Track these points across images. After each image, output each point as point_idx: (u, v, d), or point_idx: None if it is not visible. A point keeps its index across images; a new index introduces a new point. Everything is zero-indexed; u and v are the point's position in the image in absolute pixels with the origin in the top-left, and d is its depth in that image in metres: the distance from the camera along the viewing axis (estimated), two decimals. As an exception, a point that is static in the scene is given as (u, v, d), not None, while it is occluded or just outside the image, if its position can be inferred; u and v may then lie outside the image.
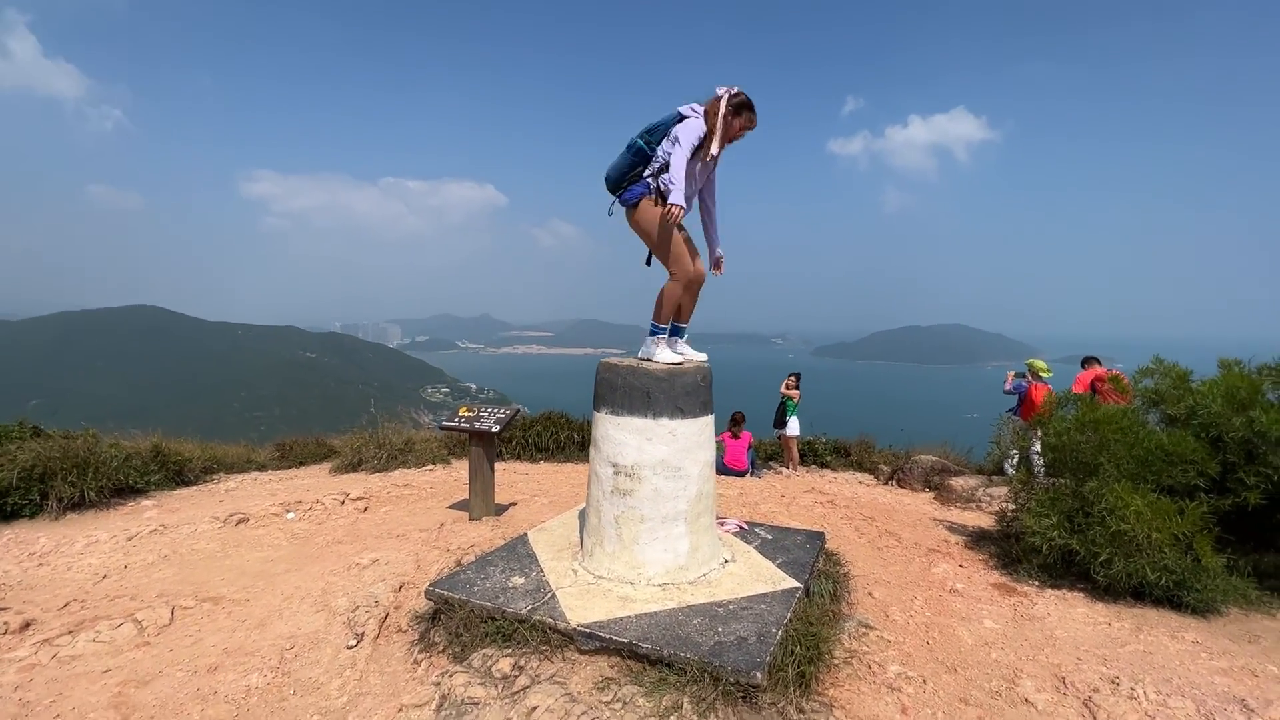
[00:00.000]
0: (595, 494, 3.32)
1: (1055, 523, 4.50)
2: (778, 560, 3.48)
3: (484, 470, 5.30)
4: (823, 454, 10.73)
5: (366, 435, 8.25)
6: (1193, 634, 3.65)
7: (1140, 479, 4.36)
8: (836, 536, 5.44)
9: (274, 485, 7.22)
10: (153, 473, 6.74)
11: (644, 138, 3.42)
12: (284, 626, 3.52)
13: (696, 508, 3.21)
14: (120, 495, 6.35)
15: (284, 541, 5.10)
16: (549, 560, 3.46)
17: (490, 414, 5.34)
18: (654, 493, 3.12)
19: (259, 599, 3.93)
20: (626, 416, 3.17)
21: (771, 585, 3.16)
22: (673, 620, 2.78)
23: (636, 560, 3.14)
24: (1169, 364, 5.08)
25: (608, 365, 3.31)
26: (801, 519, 5.96)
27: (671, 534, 3.15)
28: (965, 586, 4.34)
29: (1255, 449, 4.21)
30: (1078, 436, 4.82)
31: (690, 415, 3.18)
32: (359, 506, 6.00)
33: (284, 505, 5.90)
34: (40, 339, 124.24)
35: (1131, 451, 4.47)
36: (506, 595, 3.02)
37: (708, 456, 3.28)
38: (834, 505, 6.61)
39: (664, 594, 3.03)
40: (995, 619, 3.81)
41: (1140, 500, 4.08)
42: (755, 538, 3.88)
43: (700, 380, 3.23)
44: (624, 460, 3.16)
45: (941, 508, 7.24)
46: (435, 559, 4.36)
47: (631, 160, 3.43)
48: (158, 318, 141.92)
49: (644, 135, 3.42)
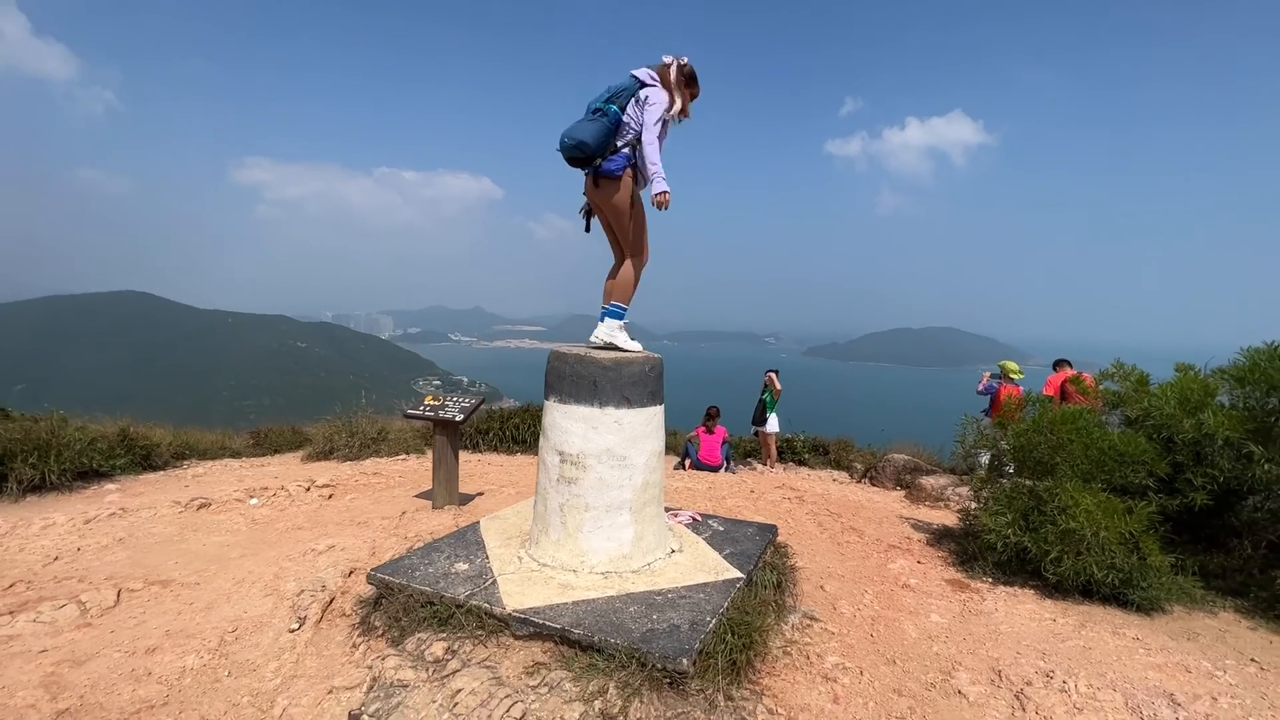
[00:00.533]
0: (542, 482, 3.33)
1: (1010, 521, 4.55)
2: (725, 551, 3.50)
3: (448, 459, 5.29)
4: (801, 451, 10.79)
5: (339, 424, 8.21)
6: (1134, 630, 3.70)
7: (1093, 479, 4.41)
8: (798, 531, 5.48)
9: (243, 472, 7.18)
10: (119, 456, 6.69)
11: (616, 103, 3.36)
12: (230, 610, 3.51)
13: (642, 497, 3.23)
14: (84, 479, 6.30)
15: (244, 527, 5.08)
16: (497, 547, 3.46)
17: (455, 403, 5.33)
18: (599, 481, 3.13)
19: (210, 583, 3.91)
20: (573, 405, 3.17)
21: (714, 575, 3.18)
22: (609, 607, 2.79)
23: (580, 548, 3.15)
24: (1129, 367, 5.14)
25: (557, 354, 3.31)
26: (766, 514, 5.99)
27: (615, 523, 3.16)
28: (919, 582, 4.38)
29: (1204, 451, 4.27)
30: (1036, 437, 4.87)
31: (637, 405, 3.18)
32: (324, 494, 5.98)
33: (248, 491, 5.87)
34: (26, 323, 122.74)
35: (1086, 452, 4.52)
36: (447, 580, 3.02)
37: (655, 447, 3.29)
38: (801, 501, 6.65)
39: (605, 582, 3.04)
40: (943, 614, 3.85)
41: (1090, 499, 4.13)
42: (707, 529, 3.90)
43: (648, 370, 3.24)
44: (570, 449, 3.16)
45: (910, 506, 7.30)
46: (391, 546, 4.36)
47: (609, 128, 3.33)
48: (146, 303, 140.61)
49: (614, 100, 3.37)
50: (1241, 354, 4.67)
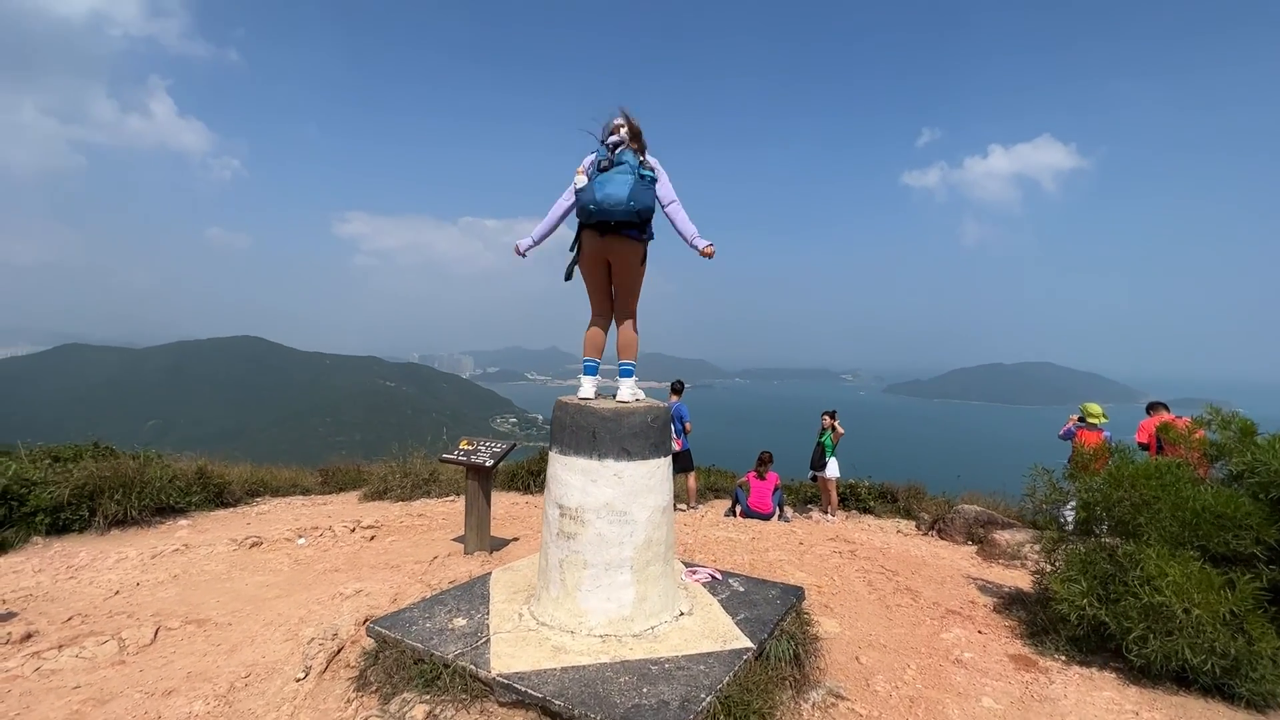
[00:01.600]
0: (545, 536, 3.23)
1: (1085, 589, 4.00)
2: (739, 616, 3.24)
3: (479, 505, 5.30)
4: (866, 498, 10.12)
5: (394, 464, 8.49)
6: (1242, 733, 3.10)
7: (1184, 544, 3.82)
8: (843, 591, 5.06)
9: (303, 510, 7.53)
10: (194, 494, 7.18)
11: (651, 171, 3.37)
12: (251, 653, 3.59)
13: (645, 555, 3.05)
14: (161, 514, 6.79)
15: (286, 567, 5.26)
16: (501, 602, 3.37)
17: (487, 448, 5.36)
18: (597, 537, 3.00)
19: (241, 624, 4.04)
20: (573, 456, 3.08)
21: (721, 644, 2.93)
22: (599, 676, 2.62)
23: (579, 608, 3.00)
24: (1228, 414, 4.48)
25: (560, 404, 3.25)
26: (811, 570, 5.59)
27: (615, 582, 3.00)
28: (975, 656, 3.90)
29: (1326, 515, 3.60)
30: (1115, 492, 4.30)
31: (638, 457, 3.05)
32: (367, 535, 6.14)
33: (298, 531, 6.12)
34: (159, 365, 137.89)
35: (1175, 512, 3.94)
36: (441, 637, 2.95)
37: (658, 502, 3.12)
38: (854, 556, 6.17)
39: (601, 646, 2.87)
40: (998, 697, 3.39)
41: (1180, 569, 3.57)
42: (725, 589, 3.64)
43: (651, 421, 3.11)
44: (569, 502, 3.06)
45: (981, 564, 6.62)
46: (414, 593, 4.36)
47: (650, 191, 3.32)
48: (258, 347, 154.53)
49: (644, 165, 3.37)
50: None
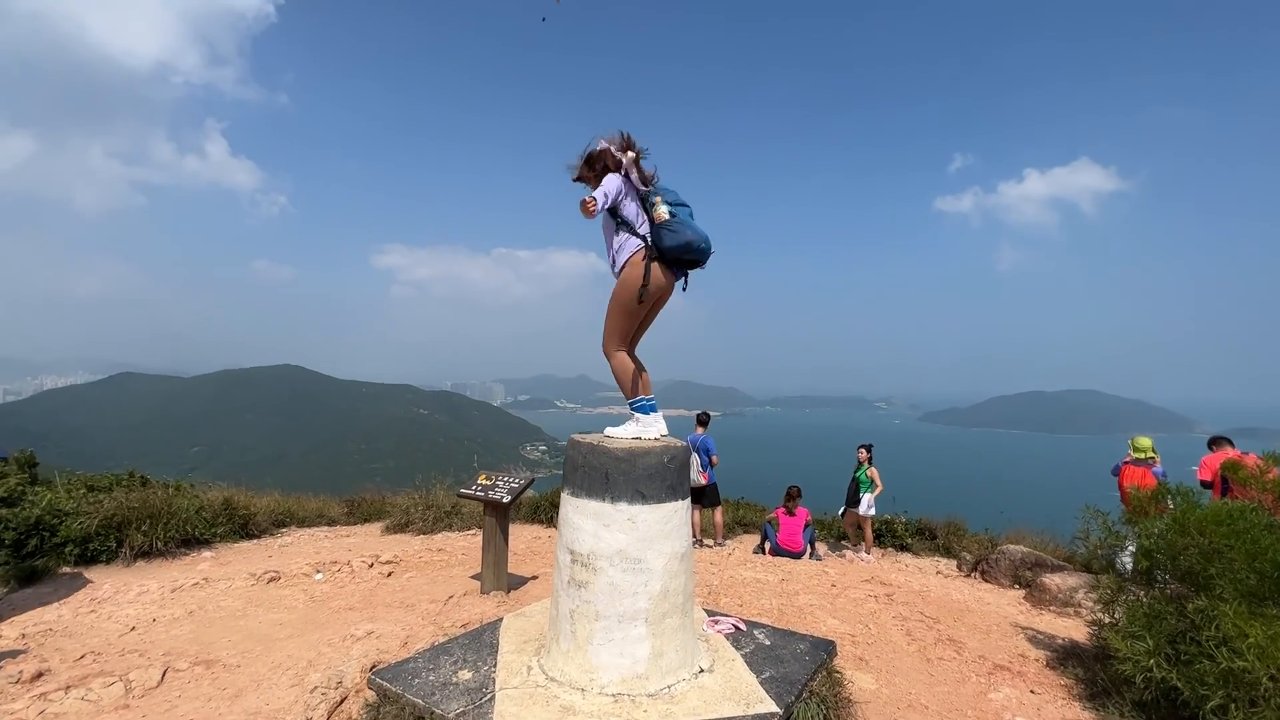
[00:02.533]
0: (556, 584, 3.05)
1: (1152, 648, 3.63)
2: (764, 674, 2.99)
3: (497, 542, 5.15)
4: (903, 535, 9.65)
5: (417, 497, 8.43)
6: (1347, 827, 2.69)
7: (1266, 600, 3.43)
8: (880, 641, 4.72)
9: (325, 543, 7.48)
10: (220, 525, 7.21)
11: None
12: (255, 700, 3.46)
13: (661, 607, 2.85)
14: (187, 545, 6.81)
15: (301, 604, 5.17)
16: (510, 653, 3.19)
17: (505, 483, 5.23)
18: (610, 587, 2.81)
19: (250, 666, 3.93)
20: (585, 499, 2.91)
21: (744, 708, 2.69)
22: (609, 743, 2.41)
23: (589, 663, 2.80)
24: (1305, 451, 4.08)
25: (574, 442, 3.10)
26: (844, 616, 5.25)
27: (629, 636, 2.79)
28: (1028, 721, 3.54)
29: None
30: (1180, 540, 3.93)
31: (653, 501, 2.87)
32: (384, 571, 6.03)
33: (317, 565, 6.05)
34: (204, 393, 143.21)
35: (1252, 564, 3.55)
36: (444, 693, 2.77)
37: (676, 549, 2.92)
38: (891, 601, 5.80)
39: (614, 706, 2.66)
40: (1056, 773, 3.04)
41: (1261, 629, 3.19)
42: (749, 643, 3.39)
43: (667, 462, 2.93)
44: (580, 548, 2.88)
45: (1031, 611, 6.16)
46: (426, 635, 4.20)
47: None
48: (298, 375, 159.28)
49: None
50: None
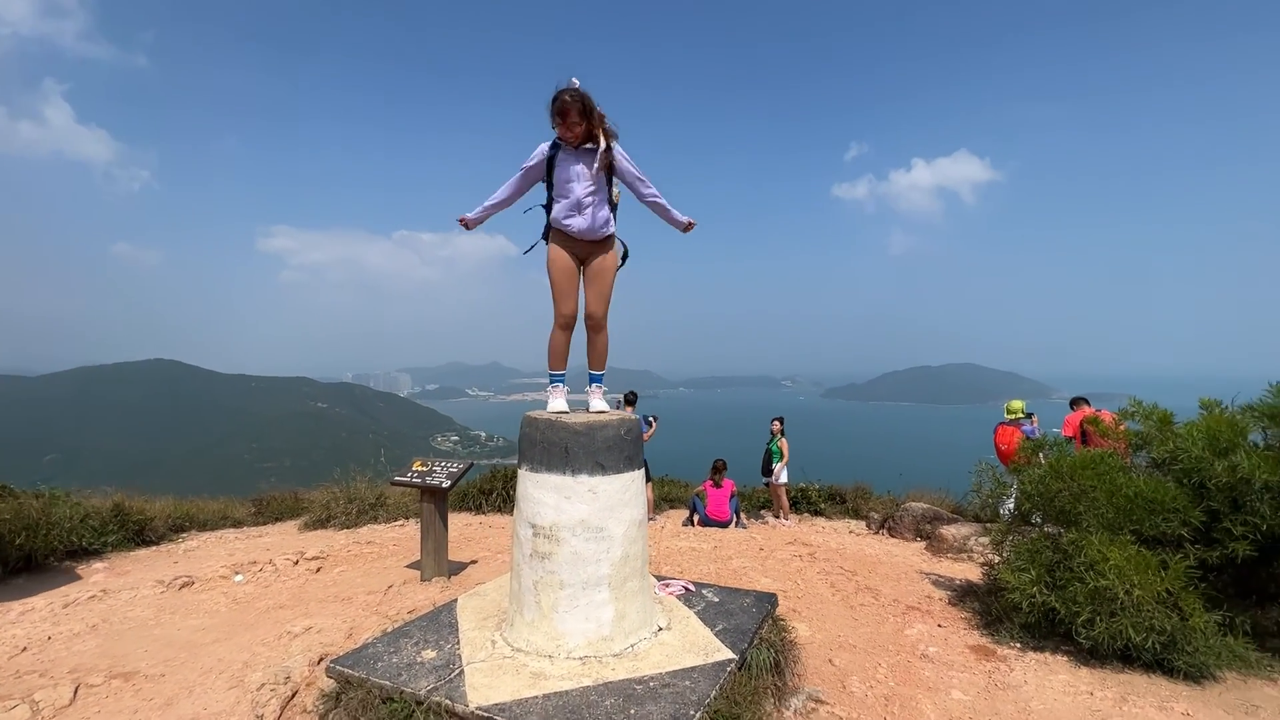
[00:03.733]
0: (516, 558, 3.11)
1: (1035, 578, 4.20)
2: (717, 627, 3.22)
3: (436, 528, 5.08)
4: (816, 501, 10.35)
5: (337, 490, 8.05)
6: (1183, 704, 3.31)
7: (1120, 529, 4.08)
8: (809, 594, 5.13)
9: (236, 544, 7.00)
10: (110, 533, 6.56)
11: None
12: (189, 706, 3.27)
13: (622, 571, 2.99)
14: (73, 557, 6.16)
15: (224, 608, 4.86)
16: (471, 630, 3.22)
17: (443, 468, 5.15)
18: (573, 556, 2.91)
19: (175, 674, 3.68)
20: (545, 473, 2.99)
21: (704, 657, 2.90)
22: (583, 700, 2.53)
23: (556, 630, 2.90)
24: (1148, 406, 4.83)
25: (528, 419, 3.15)
26: (775, 574, 5.65)
27: (593, 601, 2.91)
28: (939, 650, 4.02)
29: (1241, 496, 3.92)
30: (1055, 484, 4.56)
31: (613, 471, 2.99)
32: (312, 567, 5.77)
33: (234, 567, 5.68)
34: (57, 394, 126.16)
35: (1111, 500, 4.20)
36: (411, 672, 2.78)
37: (634, 515, 3.07)
38: (814, 559, 6.29)
39: (582, 669, 2.78)
40: (965, 689, 3.49)
41: (1119, 553, 3.80)
42: (700, 601, 3.61)
43: (624, 433, 3.06)
44: (542, 521, 2.96)
45: (931, 559, 6.87)
46: (371, 626, 4.11)
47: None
48: (173, 371, 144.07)
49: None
50: (1270, 390, 4.37)
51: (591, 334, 3.49)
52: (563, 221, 3.29)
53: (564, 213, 3.29)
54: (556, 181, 3.30)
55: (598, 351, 3.50)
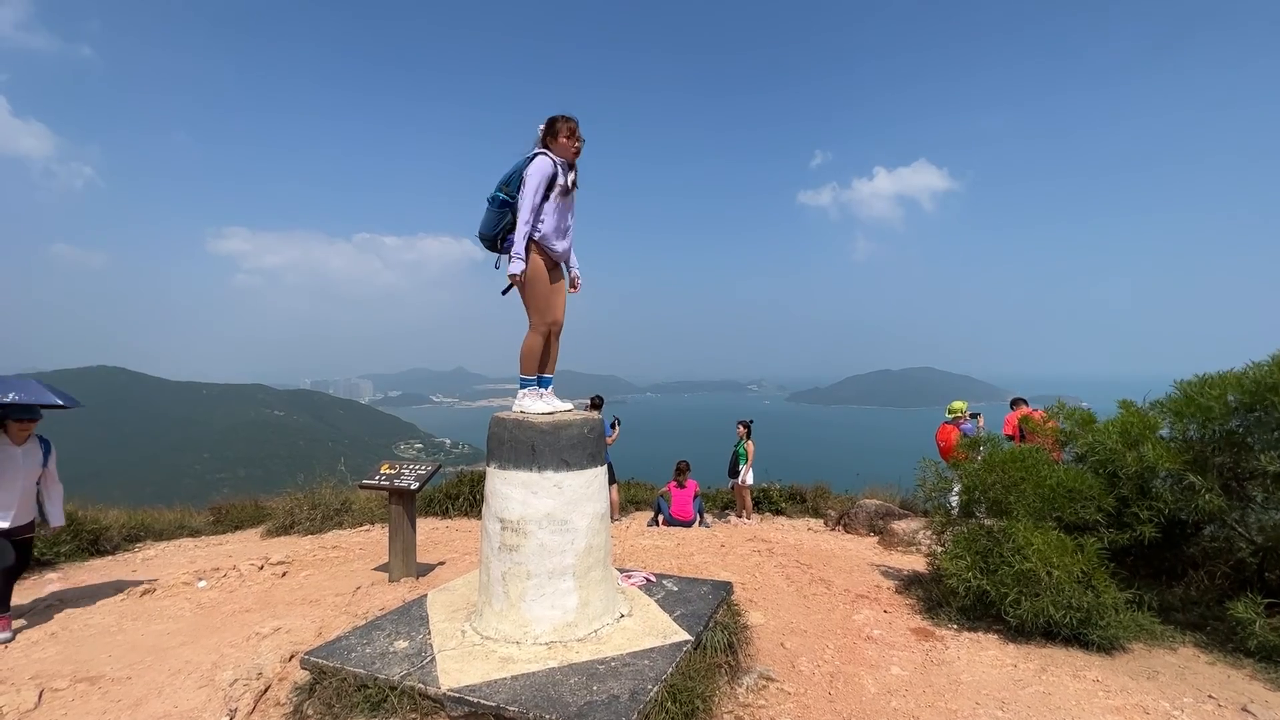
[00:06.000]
0: (485, 551, 3.27)
1: (970, 564, 4.55)
2: (676, 613, 3.44)
3: (404, 529, 5.17)
4: (778, 501, 10.70)
5: (301, 496, 8.01)
6: (1095, 672, 3.66)
7: (1044, 517, 4.45)
8: (766, 585, 5.39)
9: (197, 552, 6.93)
10: (63, 543, 6.42)
11: (503, 190, 3.45)
12: (160, 705, 3.33)
13: (586, 561, 3.18)
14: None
15: (188, 612, 4.87)
16: (441, 622, 3.36)
17: (411, 471, 5.26)
18: (540, 548, 3.09)
19: (142, 676, 3.72)
20: (513, 470, 3.16)
21: (662, 639, 3.11)
22: (549, 680, 2.71)
23: (523, 618, 3.07)
24: (1071, 406, 5.27)
25: (497, 419, 3.32)
26: (735, 568, 5.90)
27: (559, 590, 3.10)
28: (883, 633, 4.32)
29: (1148, 484, 4.35)
30: (989, 477, 4.93)
31: (577, 468, 3.18)
32: (278, 572, 5.77)
33: (197, 573, 5.65)
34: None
35: (1037, 490, 4.58)
36: (384, 661, 2.91)
37: (597, 509, 3.27)
38: (771, 554, 6.57)
39: (548, 653, 2.96)
40: (904, 665, 3.79)
41: (1041, 538, 4.16)
42: (660, 590, 3.83)
43: (587, 432, 3.26)
44: (510, 515, 3.13)
45: (882, 552, 7.24)
46: (340, 625, 4.20)
47: (499, 213, 3.45)
48: (119, 378, 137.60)
49: (502, 187, 3.46)
50: (1176, 387, 4.83)
51: (553, 342, 3.70)
52: (552, 242, 3.45)
53: (554, 234, 3.45)
54: (555, 200, 3.45)
55: (553, 358, 3.71)
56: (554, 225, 3.46)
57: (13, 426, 4.49)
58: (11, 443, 4.50)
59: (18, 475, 4.48)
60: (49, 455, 4.78)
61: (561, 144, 3.46)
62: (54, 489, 4.82)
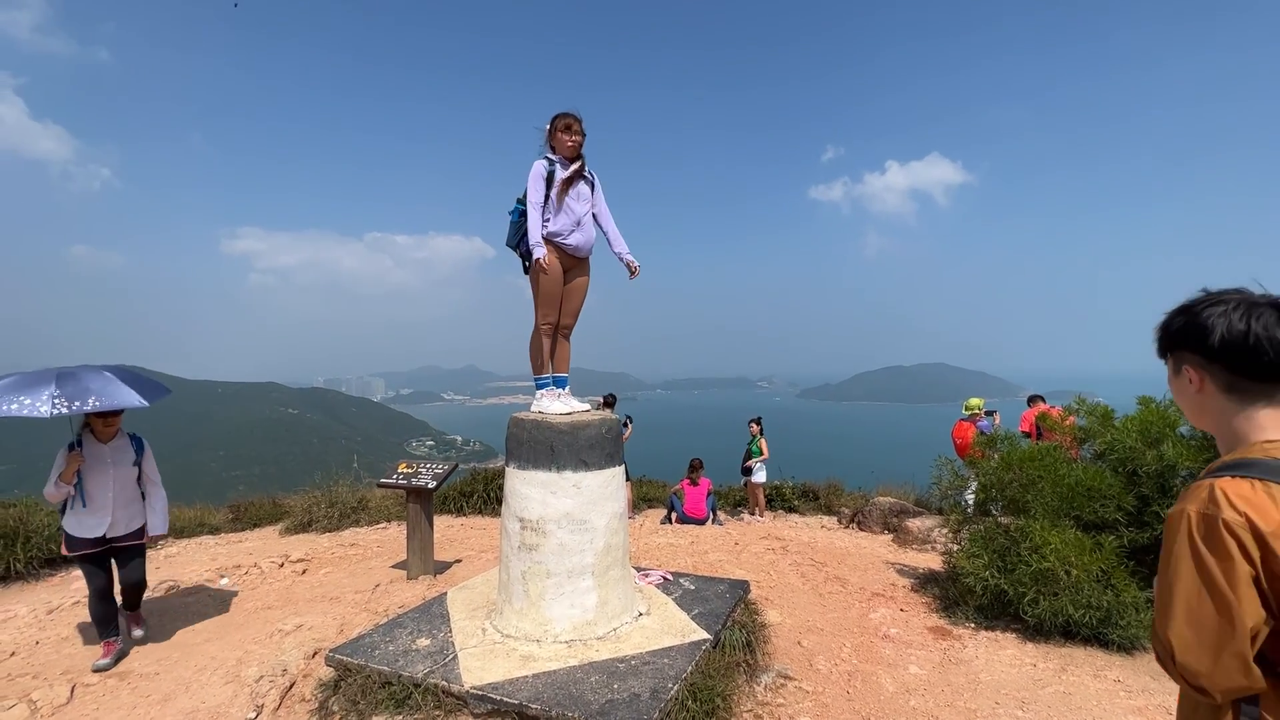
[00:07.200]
0: (505, 550, 3.31)
1: (987, 562, 4.53)
2: (694, 612, 3.46)
3: (422, 527, 5.23)
4: (790, 498, 10.69)
5: (318, 494, 8.11)
6: (1115, 672, 3.64)
7: (1063, 516, 4.43)
8: (780, 584, 5.40)
9: (217, 550, 7.03)
10: (89, 541, 6.54)
11: (519, 201, 3.58)
12: (188, 701, 3.40)
13: (605, 561, 3.21)
14: (51, 565, 6.15)
15: (211, 609, 4.95)
16: (462, 620, 3.40)
17: (429, 470, 5.31)
18: (559, 547, 3.12)
19: (170, 672, 3.80)
20: (532, 470, 3.19)
21: (681, 638, 3.13)
22: (570, 678, 2.74)
23: (543, 617, 3.11)
24: (1092, 403, 5.22)
25: (516, 420, 3.35)
26: (749, 566, 5.91)
27: (578, 588, 3.13)
28: (900, 631, 4.31)
29: (1168, 482, 4.30)
30: (1006, 475, 4.90)
31: (595, 467, 3.21)
32: (298, 569, 5.86)
33: (219, 570, 5.75)
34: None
35: (1055, 489, 4.55)
36: (407, 658, 2.96)
37: (615, 508, 3.29)
38: (786, 552, 6.57)
39: (569, 651, 2.99)
40: (922, 664, 3.78)
41: (1059, 537, 4.14)
42: (677, 589, 3.85)
43: (605, 432, 3.28)
44: (529, 514, 3.16)
45: (897, 550, 7.21)
46: (361, 622, 4.26)
47: (519, 224, 3.57)
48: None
49: (520, 201, 3.58)
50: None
51: (563, 341, 3.73)
52: (565, 237, 3.51)
53: (566, 229, 3.51)
54: (555, 197, 3.52)
55: (566, 358, 3.74)
56: (562, 221, 3.51)
57: (95, 421, 4.06)
58: (97, 439, 4.09)
59: (108, 476, 4.06)
60: (142, 453, 4.32)
61: (560, 139, 3.57)
62: (152, 492, 4.38)
